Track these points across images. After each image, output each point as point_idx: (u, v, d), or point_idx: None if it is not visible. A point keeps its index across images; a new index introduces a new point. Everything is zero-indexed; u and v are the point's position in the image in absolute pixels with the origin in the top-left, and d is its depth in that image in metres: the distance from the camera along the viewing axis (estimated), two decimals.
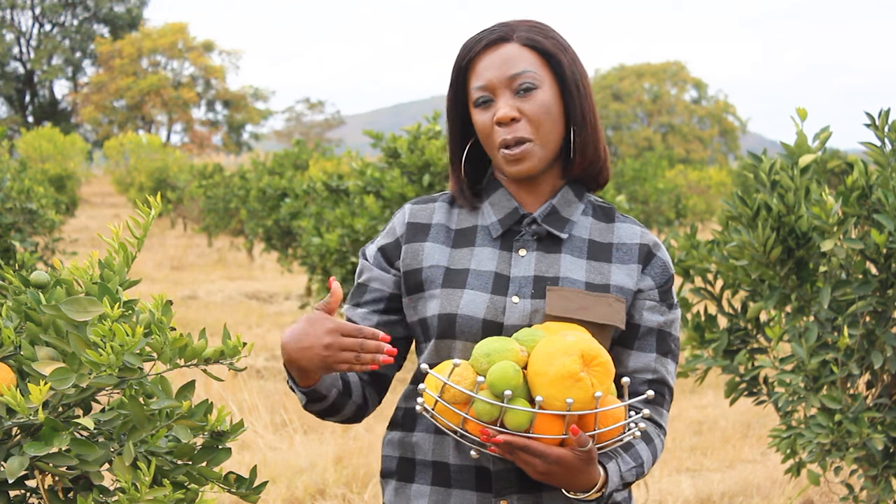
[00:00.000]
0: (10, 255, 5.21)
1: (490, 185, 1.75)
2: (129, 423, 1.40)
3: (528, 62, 1.66)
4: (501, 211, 1.72)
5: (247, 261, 15.95)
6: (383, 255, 1.75)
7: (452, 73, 1.72)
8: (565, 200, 1.72)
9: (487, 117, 1.67)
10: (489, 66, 1.66)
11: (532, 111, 1.64)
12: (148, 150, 26.26)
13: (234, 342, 1.49)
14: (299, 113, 56.35)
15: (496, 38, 1.67)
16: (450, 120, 1.74)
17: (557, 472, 1.49)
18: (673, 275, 1.74)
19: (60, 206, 11.62)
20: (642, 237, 1.73)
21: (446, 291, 1.67)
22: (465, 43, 1.71)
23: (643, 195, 20.87)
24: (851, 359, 2.99)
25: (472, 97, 1.69)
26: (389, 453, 1.75)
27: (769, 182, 3.07)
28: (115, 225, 1.54)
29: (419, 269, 1.71)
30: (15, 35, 47.22)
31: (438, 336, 1.66)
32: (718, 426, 6.13)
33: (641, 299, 1.70)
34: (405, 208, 1.79)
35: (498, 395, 1.47)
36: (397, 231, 1.76)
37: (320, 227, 7.88)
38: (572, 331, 1.56)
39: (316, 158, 15.74)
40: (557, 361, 1.47)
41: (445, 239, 1.73)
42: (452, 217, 1.76)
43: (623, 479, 1.60)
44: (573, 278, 1.66)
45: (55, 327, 1.41)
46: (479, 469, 1.64)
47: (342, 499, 4.60)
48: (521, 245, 1.70)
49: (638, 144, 49.59)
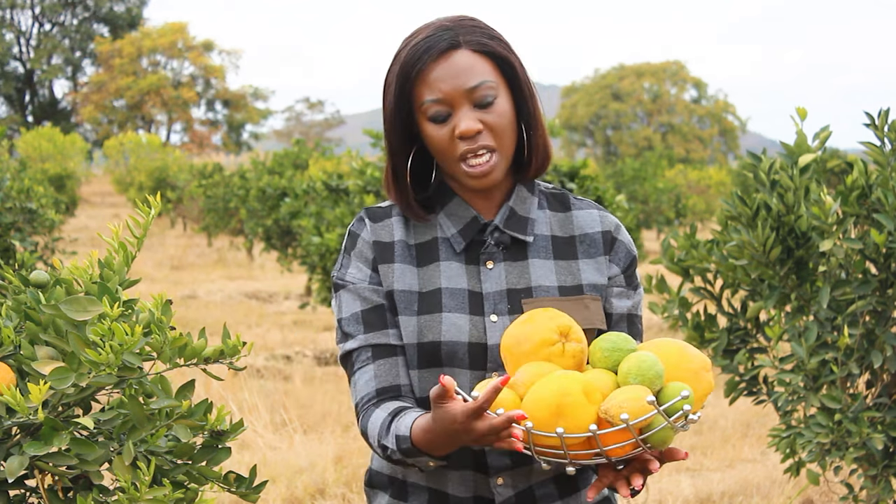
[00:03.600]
0: (10, 254, 5.21)
1: (441, 194, 1.70)
2: (129, 422, 1.40)
3: (484, 71, 1.60)
4: (460, 222, 1.67)
5: (247, 260, 15.95)
6: (376, 274, 1.66)
7: (395, 82, 1.62)
8: (520, 199, 1.69)
9: (445, 132, 1.60)
10: (443, 77, 1.59)
11: (494, 122, 1.60)
12: (148, 149, 26.25)
13: (233, 342, 1.49)
14: (299, 112, 56.36)
15: (446, 45, 1.59)
16: (392, 131, 1.65)
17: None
18: (635, 255, 1.73)
19: (60, 205, 11.62)
20: (602, 223, 1.71)
21: (423, 319, 1.62)
22: (410, 51, 1.60)
23: (643, 195, 20.89)
24: (851, 358, 2.99)
25: (422, 109, 1.61)
26: (380, 469, 1.72)
27: (769, 182, 3.08)
28: (115, 224, 1.54)
29: (391, 291, 1.65)
30: (15, 34, 47.20)
31: (421, 366, 1.62)
32: (718, 426, 6.13)
33: (609, 286, 1.70)
34: (366, 224, 1.69)
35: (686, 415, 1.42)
36: (369, 251, 1.67)
37: (320, 227, 7.88)
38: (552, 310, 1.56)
39: (316, 158, 15.75)
40: (704, 379, 1.50)
41: (409, 258, 1.66)
42: (410, 231, 1.69)
43: None
44: (545, 285, 1.65)
45: (55, 327, 1.41)
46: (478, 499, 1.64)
47: (342, 498, 4.60)
48: (487, 257, 1.66)
49: (638, 144, 49.59)
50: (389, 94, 1.64)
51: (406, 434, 1.52)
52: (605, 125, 53.05)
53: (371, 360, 1.64)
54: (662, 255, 3.40)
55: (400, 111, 1.63)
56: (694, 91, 54.10)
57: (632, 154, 42.88)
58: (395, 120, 1.64)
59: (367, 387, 1.63)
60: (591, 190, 6.44)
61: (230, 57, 50.18)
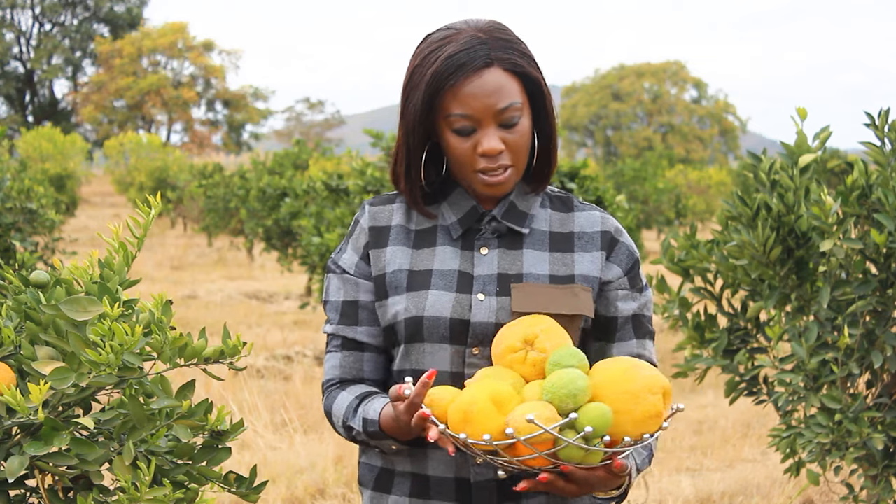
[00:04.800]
0: (10, 254, 5.21)
1: (447, 185, 1.74)
2: (129, 422, 1.40)
3: (513, 92, 1.63)
4: (460, 210, 1.71)
5: (247, 260, 15.95)
6: (363, 262, 1.73)
7: (424, 89, 1.63)
8: (522, 195, 1.72)
9: (468, 146, 1.63)
10: (474, 94, 1.61)
11: (515, 142, 1.64)
12: (148, 149, 26.25)
13: (233, 342, 1.49)
14: (299, 112, 56.36)
15: (481, 64, 1.61)
16: (412, 132, 1.67)
17: (594, 488, 1.52)
18: (638, 258, 1.75)
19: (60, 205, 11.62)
20: (603, 224, 1.74)
21: (411, 295, 1.67)
22: (444, 63, 1.61)
23: (643, 195, 20.88)
24: (851, 358, 2.99)
25: (448, 120, 1.63)
26: (367, 461, 1.75)
27: (769, 182, 3.08)
28: (115, 224, 1.54)
29: (383, 275, 1.70)
30: (15, 34, 47.22)
31: (407, 340, 1.67)
32: (718, 426, 6.13)
33: (613, 290, 1.71)
34: (365, 210, 1.76)
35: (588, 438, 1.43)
36: (364, 238, 1.74)
37: (320, 227, 7.88)
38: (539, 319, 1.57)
39: (316, 158, 15.75)
40: (645, 401, 1.46)
41: (406, 241, 1.72)
42: (412, 217, 1.74)
43: (639, 469, 1.64)
44: (536, 273, 1.67)
45: (55, 327, 1.41)
46: (459, 480, 1.65)
47: (342, 498, 4.60)
48: (482, 244, 1.70)
49: (638, 144, 49.60)
50: (415, 98, 1.65)
51: (375, 419, 1.62)
52: (606, 125, 53.08)
53: (340, 348, 1.73)
54: (662, 255, 3.40)
55: (424, 116, 1.65)
56: (694, 91, 54.12)
57: (632, 154, 42.90)
58: (417, 122, 1.66)
59: (332, 371, 1.74)
60: (591, 190, 6.44)
61: (230, 57, 50.22)
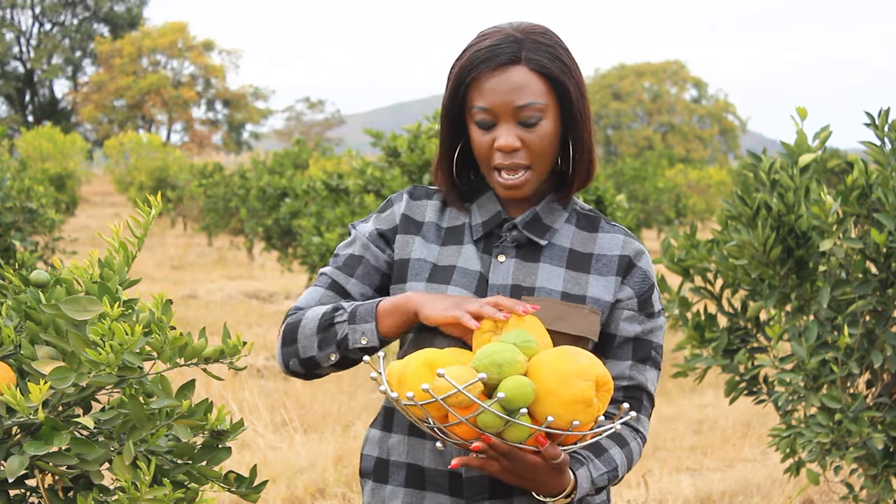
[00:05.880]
0: (10, 254, 5.22)
1: (481, 185, 1.77)
2: (129, 422, 1.40)
3: (536, 91, 1.63)
4: (486, 213, 1.73)
5: (247, 260, 15.95)
6: (381, 236, 1.76)
7: (452, 81, 1.68)
8: (549, 208, 1.73)
9: (487, 140, 1.66)
10: (495, 88, 1.63)
11: (534, 142, 1.64)
12: (148, 149, 26.25)
13: (233, 341, 1.49)
14: (299, 112, 56.37)
15: (506, 59, 1.62)
16: (444, 124, 1.73)
17: (530, 477, 1.52)
18: (654, 284, 1.74)
19: (60, 205, 11.62)
20: (624, 247, 1.72)
21: (431, 286, 1.69)
22: (473, 54, 1.65)
23: (643, 194, 20.88)
24: (851, 358, 2.99)
25: (471, 112, 1.67)
26: (369, 452, 1.78)
27: (769, 181, 3.08)
28: (115, 224, 1.54)
29: (407, 259, 1.73)
30: (15, 34, 47.23)
31: (418, 329, 1.68)
32: (718, 425, 6.14)
33: (619, 309, 1.70)
34: (403, 198, 1.79)
35: (510, 409, 1.44)
36: (395, 219, 1.77)
37: (320, 227, 7.88)
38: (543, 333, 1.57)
39: (316, 158, 15.76)
40: (574, 385, 1.46)
41: (435, 238, 1.74)
42: (444, 215, 1.77)
43: (595, 484, 1.62)
44: (550, 288, 1.67)
45: (55, 326, 1.41)
46: (453, 474, 1.66)
47: (342, 498, 4.60)
48: (500, 251, 1.71)
49: (638, 144, 49.60)
50: (448, 89, 1.70)
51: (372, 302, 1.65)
52: (606, 125, 53.07)
53: (326, 287, 1.75)
54: (662, 255, 3.40)
55: (453, 107, 1.70)
56: (694, 91, 54.13)
57: (632, 154, 42.90)
58: (448, 114, 1.71)
59: (307, 301, 1.75)
60: (592, 190, 6.44)
61: (230, 57, 50.27)
